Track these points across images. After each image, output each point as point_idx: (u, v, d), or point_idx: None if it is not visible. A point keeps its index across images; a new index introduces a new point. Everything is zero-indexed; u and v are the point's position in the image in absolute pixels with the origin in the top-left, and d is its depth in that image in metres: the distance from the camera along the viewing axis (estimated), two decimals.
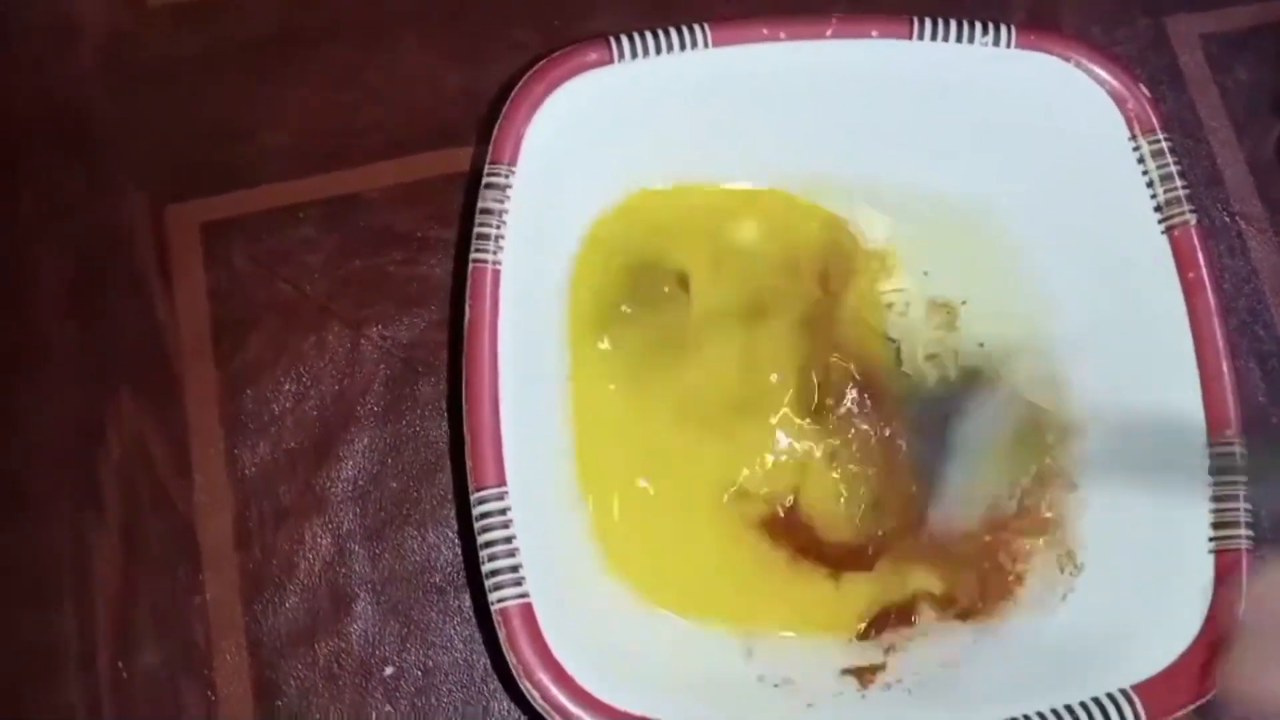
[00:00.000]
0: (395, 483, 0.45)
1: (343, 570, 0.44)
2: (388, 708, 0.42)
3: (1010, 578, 0.41)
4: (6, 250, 0.46)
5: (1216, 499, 0.38)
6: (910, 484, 0.42)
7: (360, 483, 0.45)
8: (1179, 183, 0.41)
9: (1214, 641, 0.36)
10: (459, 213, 0.47)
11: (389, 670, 0.43)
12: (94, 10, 0.50)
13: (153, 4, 0.50)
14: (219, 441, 0.45)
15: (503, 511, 0.37)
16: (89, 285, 0.46)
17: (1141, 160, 0.41)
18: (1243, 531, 0.37)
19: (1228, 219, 0.50)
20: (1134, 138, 0.42)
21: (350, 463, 0.45)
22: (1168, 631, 0.37)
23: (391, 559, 0.44)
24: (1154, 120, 0.42)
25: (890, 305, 0.46)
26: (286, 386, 0.46)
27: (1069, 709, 0.35)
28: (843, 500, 0.42)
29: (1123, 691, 0.36)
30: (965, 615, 0.40)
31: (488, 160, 0.41)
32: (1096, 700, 0.36)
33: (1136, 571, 0.39)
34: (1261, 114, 0.51)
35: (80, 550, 0.43)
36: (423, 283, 0.47)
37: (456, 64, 0.50)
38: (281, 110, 0.49)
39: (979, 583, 0.41)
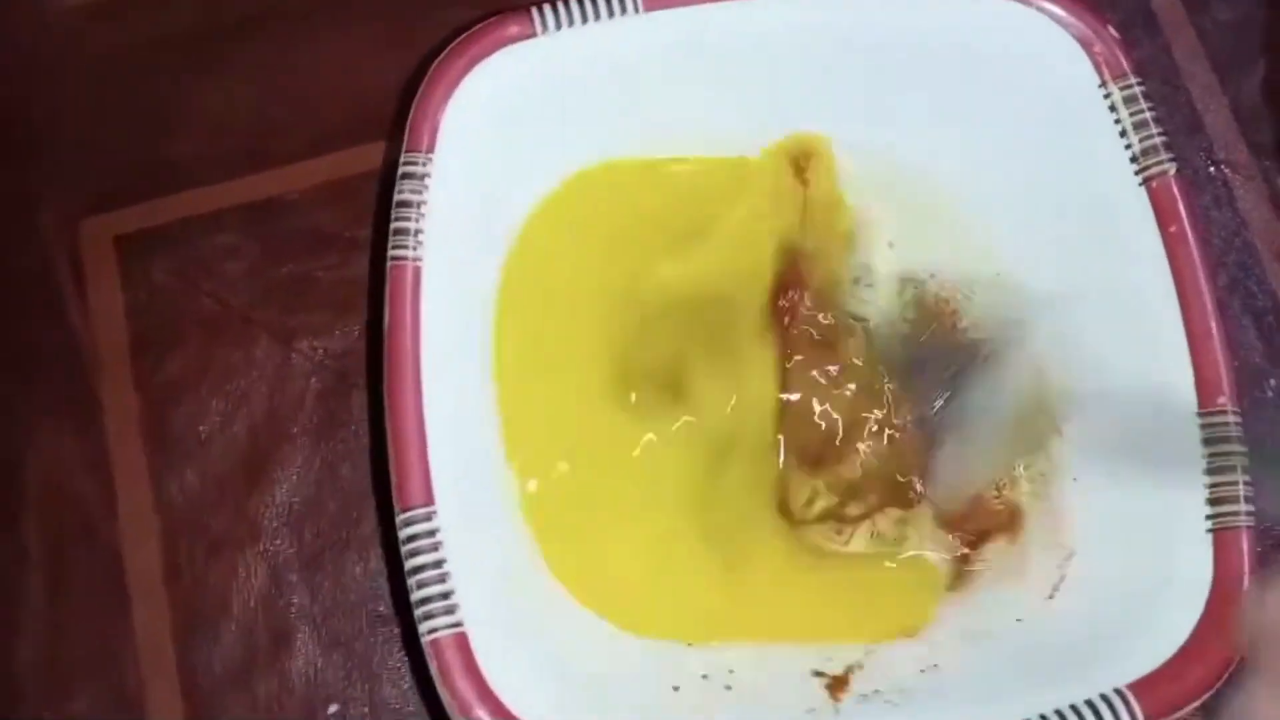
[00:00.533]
0: (333, 504, 0.42)
1: (280, 602, 0.41)
2: None
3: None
4: None
5: (1212, 472, 0.35)
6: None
7: (296, 506, 0.42)
8: (1155, 130, 0.38)
9: (1215, 632, 0.33)
10: (387, 208, 0.44)
11: (334, 708, 0.40)
12: (2, 16, 0.47)
13: (59, 6, 0.47)
14: (143, 467, 0.43)
15: (431, 534, 0.34)
16: (2, 306, 0.43)
17: (1113, 108, 0.38)
18: (1242, 507, 0.34)
19: (1212, 169, 0.47)
20: (1104, 84, 0.39)
21: (284, 485, 0.43)
22: (1165, 624, 0.34)
23: (332, 588, 0.41)
24: (1124, 64, 0.38)
25: (856, 281, 0.42)
26: (213, 406, 0.43)
27: (1059, 713, 0.32)
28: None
29: (1118, 691, 0.33)
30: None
31: (403, 149, 0.38)
32: (1089, 702, 0.33)
33: (1129, 559, 0.36)
34: (1243, 55, 0.48)
35: (9, 592, 0.40)
36: (354, 287, 0.45)
37: (386, 51, 0.47)
38: (200, 112, 0.46)
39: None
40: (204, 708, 0.40)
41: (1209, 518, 0.35)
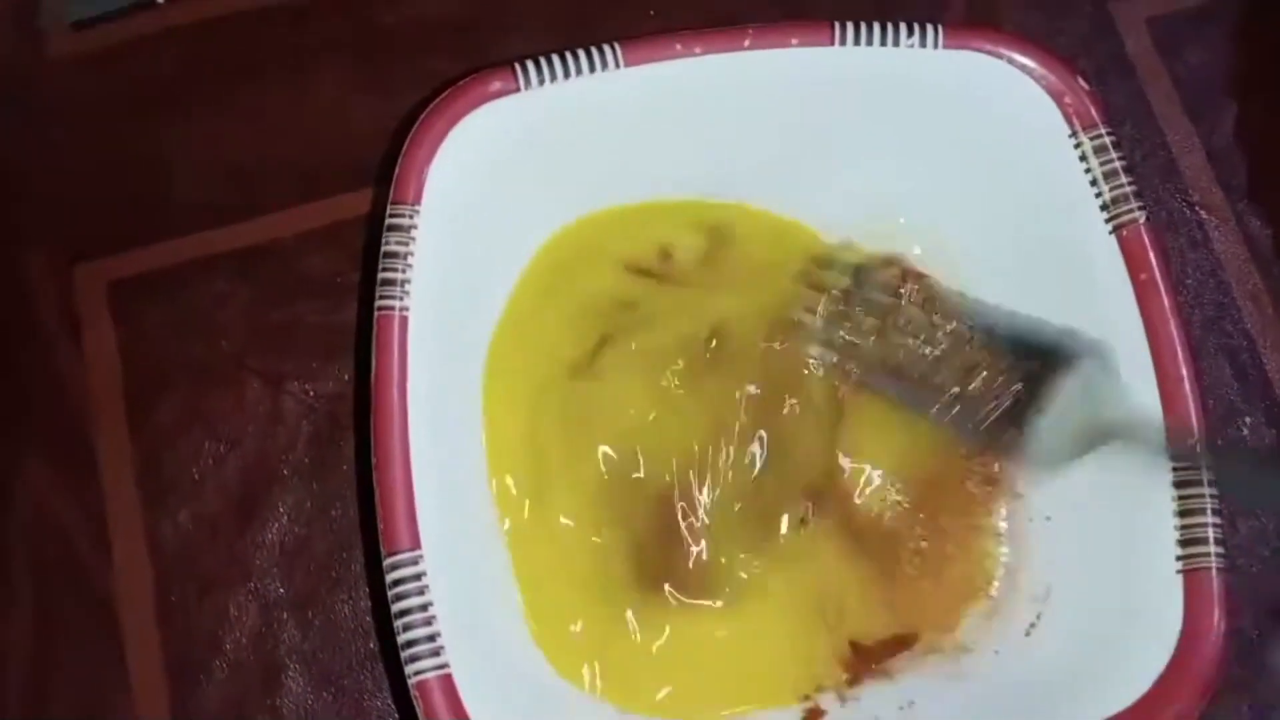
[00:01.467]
0: (324, 545, 0.43)
1: (271, 641, 0.42)
2: None
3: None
4: None
5: (1182, 514, 0.36)
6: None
7: (287, 547, 0.43)
8: (1125, 179, 0.39)
9: (1186, 672, 0.33)
10: (375, 255, 0.45)
11: None
12: None
13: (53, 53, 0.48)
14: (136, 510, 0.43)
15: (418, 577, 0.35)
16: None
17: (1084, 157, 0.39)
18: (1212, 549, 0.35)
19: (1187, 210, 0.47)
20: (1074, 134, 0.39)
21: (275, 526, 0.43)
22: (1138, 662, 0.34)
23: (323, 627, 0.42)
24: (1094, 114, 0.39)
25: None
26: (205, 449, 0.44)
27: None
28: None
29: None
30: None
31: (390, 201, 0.39)
32: None
33: (1102, 599, 0.37)
34: (1216, 98, 0.48)
35: None
36: (343, 332, 0.45)
37: (371, 98, 0.48)
38: (190, 159, 0.47)
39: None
40: None
41: (1179, 558, 0.35)
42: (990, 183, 0.41)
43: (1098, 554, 0.38)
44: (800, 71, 0.40)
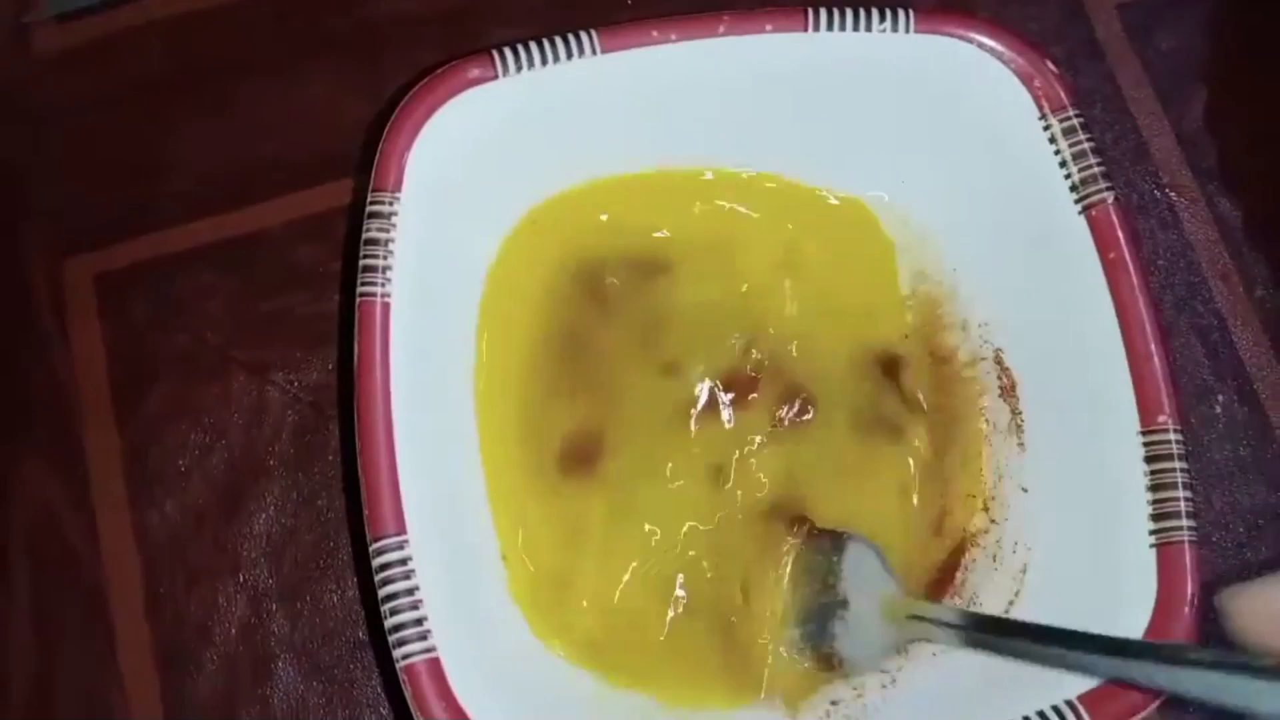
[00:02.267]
0: (310, 535, 0.43)
1: (260, 632, 0.42)
2: None
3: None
4: None
5: (1154, 489, 0.36)
6: None
7: (274, 537, 0.43)
8: (1094, 159, 0.39)
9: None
10: (357, 244, 0.45)
11: None
12: None
13: (37, 46, 0.49)
14: (123, 502, 0.43)
15: (404, 562, 0.35)
16: None
17: (1053, 140, 0.40)
18: (1184, 523, 0.35)
19: (1158, 193, 0.48)
20: (1044, 116, 0.40)
21: (262, 517, 0.43)
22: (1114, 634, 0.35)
23: (311, 616, 0.42)
24: (1063, 97, 0.40)
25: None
26: (192, 440, 0.44)
27: None
28: None
29: (1069, 703, 0.34)
30: None
31: (370, 188, 0.39)
32: (1041, 714, 0.34)
33: (1078, 574, 0.37)
34: (1186, 82, 0.49)
35: None
36: (329, 321, 0.46)
37: (357, 91, 0.48)
38: (177, 151, 0.47)
39: None
40: None
41: (1152, 533, 0.36)
42: (962, 165, 0.42)
43: (1073, 530, 0.38)
44: (774, 57, 0.41)
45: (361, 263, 0.39)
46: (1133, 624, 0.35)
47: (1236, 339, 0.46)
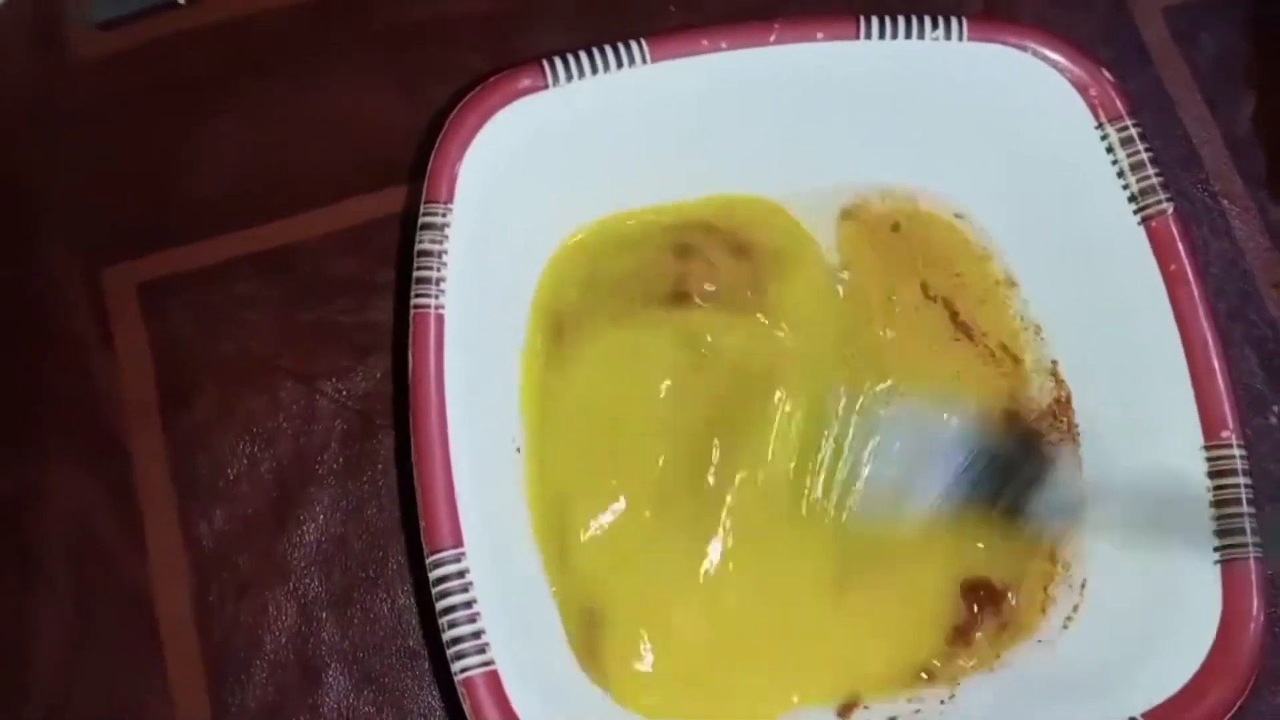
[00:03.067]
0: (360, 543, 0.43)
1: (310, 640, 0.42)
2: None
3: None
4: None
5: (1218, 505, 0.36)
6: None
7: (323, 546, 0.43)
8: (1152, 170, 0.39)
9: (1226, 662, 0.34)
10: (407, 253, 0.45)
11: None
12: (16, 67, 0.48)
13: (78, 55, 0.48)
14: (172, 510, 0.43)
15: (461, 574, 0.35)
16: (27, 352, 0.45)
17: (1110, 149, 0.39)
18: (1249, 539, 0.35)
19: (1208, 199, 0.48)
20: (1100, 126, 0.40)
21: (311, 525, 0.43)
22: (1177, 653, 0.35)
23: (361, 624, 0.42)
24: (1120, 106, 0.39)
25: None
26: (240, 449, 0.44)
27: None
28: None
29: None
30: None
31: (423, 200, 0.39)
32: None
33: (1141, 590, 0.37)
34: (1234, 86, 0.49)
35: (27, 632, 0.41)
36: (374, 330, 0.45)
37: (398, 96, 0.48)
38: (218, 159, 0.47)
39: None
40: None
41: (1216, 549, 0.36)
42: (1018, 175, 0.41)
43: (1133, 544, 0.38)
44: (825, 65, 0.41)
45: (415, 274, 0.39)
46: (1197, 640, 0.35)
47: None
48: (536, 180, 0.41)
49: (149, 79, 0.48)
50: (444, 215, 0.39)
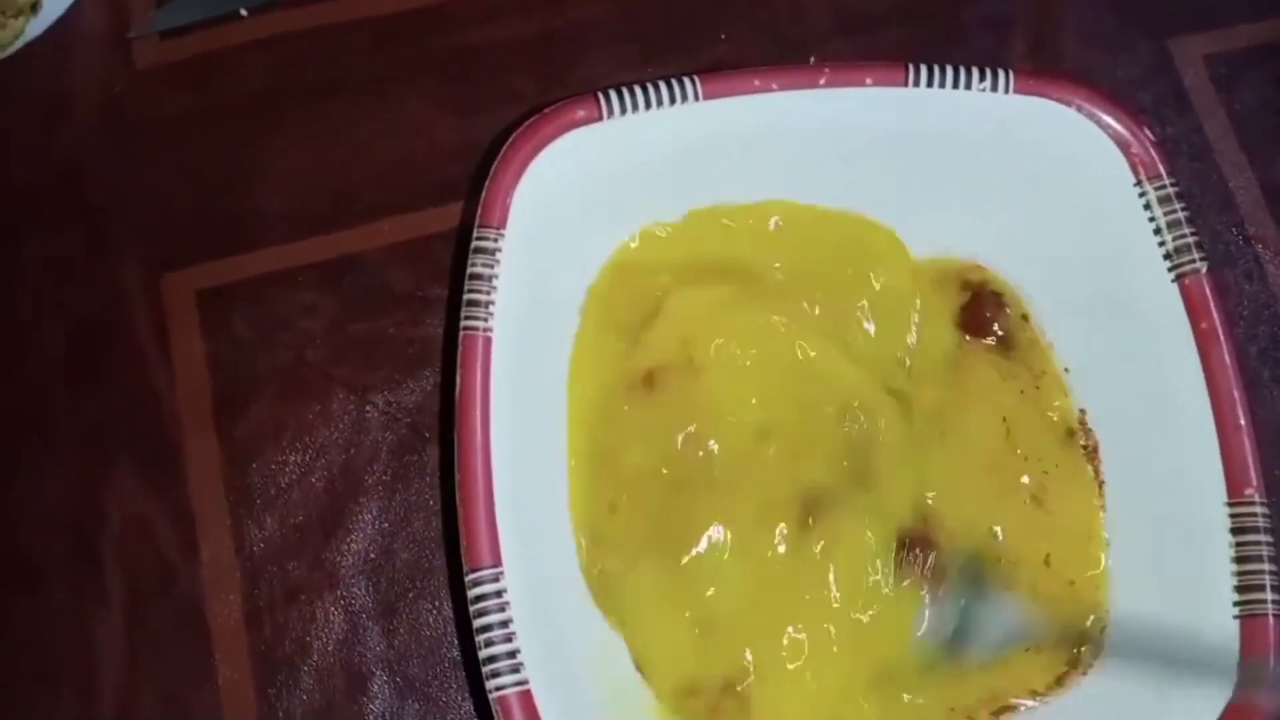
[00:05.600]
0: (407, 554, 0.44)
1: (357, 648, 0.43)
2: None
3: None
4: (4, 320, 0.46)
5: (1240, 560, 0.37)
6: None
7: (372, 556, 0.44)
8: (1188, 229, 0.40)
9: (1242, 717, 0.35)
10: (458, 271, 0.46)
11: None
12: (86, 76, 0.50)
13: (141, 65, 0.50)
14: (224, 516, 0.45)
15: (499, 594, 0.36)
16: (86, 356, 0.46)
17: (1148, 206, 0.40)
18: (1269, 596, 0.36)
19: (1242, 243, 0.49)
20: (1139, 183, 0.41)
21: (360, 535, 0.45)
22: (1194, 705, 0.36)
23: (407, 634, 0.44)
24: (1159, 165, 0.40)
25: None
26: (292, 458, 0.45)
27: None
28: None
29: None
30: None
31: (476, 224, 0.40)
32: None
33: (1158, 640, 0.38)
34: (1272, 134, 0.50)
35: (83, 633, 0.43)
36: (425, 344, 0.47)
37: (453, 116, 0.49)
38: (276, 170, 0.49)
39: None
40: None
41: (1236, 604, 0.37)
42: (1055, 227, 0.42)
43: (1156, 597, 0.39)
44: (872, 110, 0.42)
45: (466, 297, 0.40)
46: (1214, 693, 0.36)
47: None
48: (583, 208, 0.42)
49: (211, 89, 0.49)
50: (495, 240, 0.40)
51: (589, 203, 0.42)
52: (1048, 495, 0.42)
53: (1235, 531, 0.37)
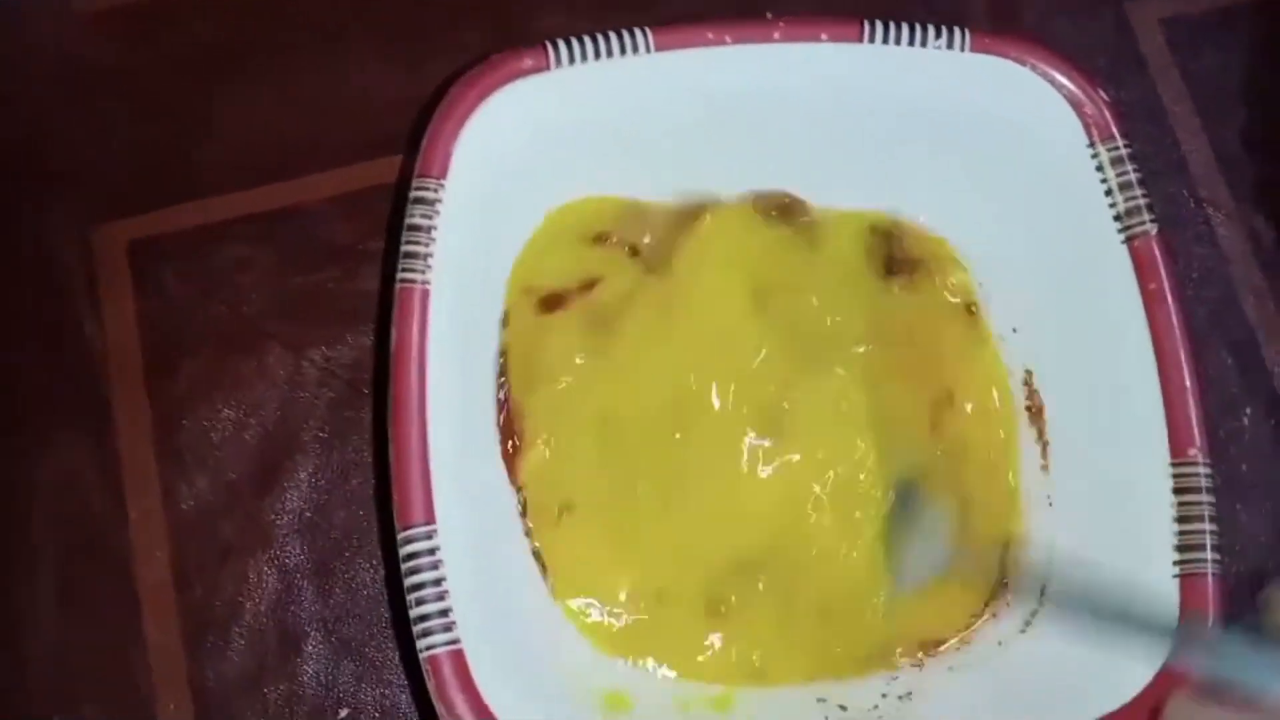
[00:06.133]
0: (344, 512, 0.43)
1: (291, 608, 0.42)
2: None
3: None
4: None
5: (1181, 520, 0.37)
6: None
7: (307, 514, 0.43)
8: (1139, 191, 0.40)
9: (1180, 673, 0.35)
10: (398, 224, 0.45)
11: (344, 712, 0.41)
12: (19, 21, 0.48)
13: (80, 11, 0.48)
14: (154, 475, 0.43)
15: (431, 552, 0.35)
16: (13, 310, 0.44)
17: (1101, 168, 0.40)
18: (1209, 555, 0.36)
19: (1194, 206, 0.48)
20: (1092, 144, 0.40)
21: (295, 493, 0.44)
22: (1133, 662, 0.36)
23: (343, 594, 0.43)
24: (1113, 127, 0.40)
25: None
26: (225, 414, 0.44)
27: None
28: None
29: None
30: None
31: (415, 173, 0.39)
32: None
33: (1100, 600, 0.38)
34: (1226, 99, 0.49)
35: (9, 593, 0.41)
36: (365, 299, 0.45)
37: (399, 68, 0.48)
38: (214, 122, 0.47)
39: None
40: (215, 712, 0.41)
41: (1177, 563, 0.37)
42: (1007, 186, 0.42)
43: (1094, 554, 0.39)
44: (825, 66, 0.41)
45: (403, 249, 0.39)
46: (1153, 654, 0.36)
47: (1266, 354, 0.47)
48: (529, 160, 0.41)
49: (151, 38, 0.47)
50: (436, 191, 0.39)
51: (537, 156, 0.41)
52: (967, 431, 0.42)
53: (1178, 491, 0.37)
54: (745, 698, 0.39)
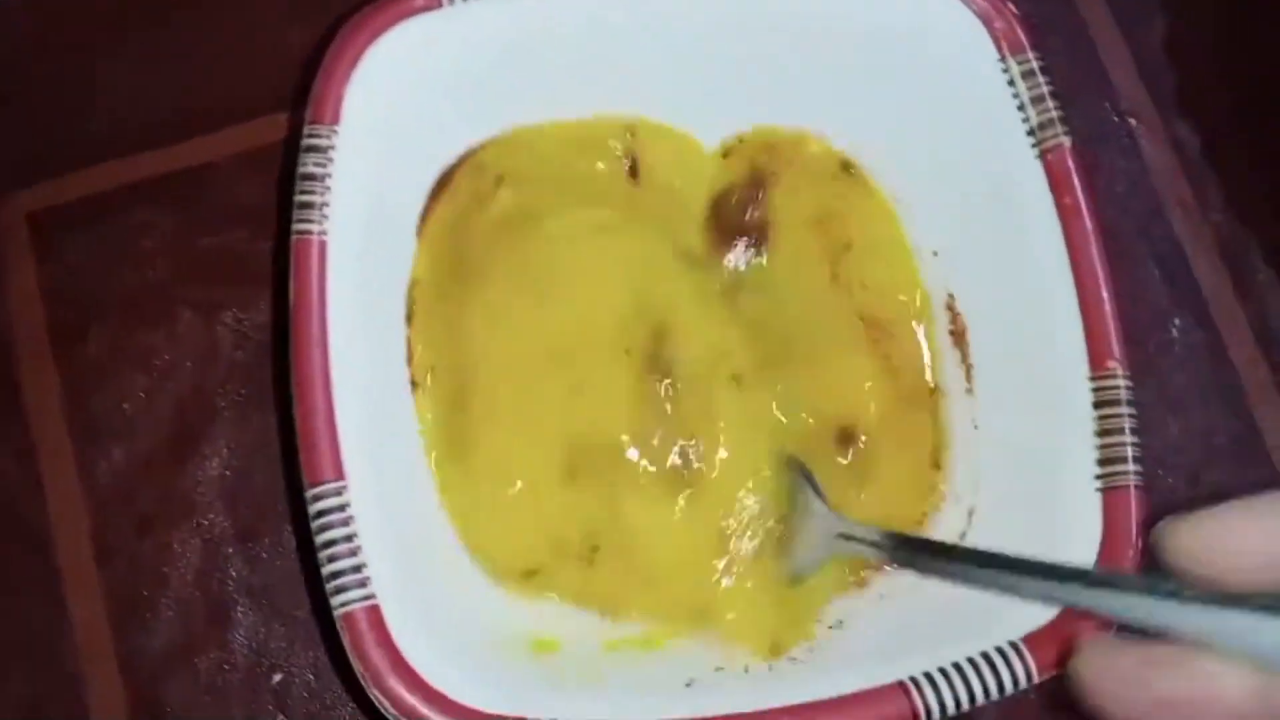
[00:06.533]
0: (265, 476, 0.43)
1: (218, 576, 0.42)
2: (281, 717, 0.41)
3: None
4: None
5: (1102, 434, 0.37)
6: None
7: (228, 480, 0.43)
8: (1052, 104, 0.38)
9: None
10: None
11: (278, 677, 0.41)
12: None
13: None
14: (67, 449, 0.43)
15: (342, 508, 0.34)
16: None
17: (1012, 82, 0.39)
18: (1130, 467, 0.36)
19: (1116, 119, 0.48)
20: (1003, 59, 0.39)
21: (215, 460, 0.43)
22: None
23: (269, 558, 0.42)
24: (1023, 39, 0.39)
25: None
26: (137, 383, 0.43)
27: (957, 666, 0.34)
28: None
29: (1012, 644, 0.34)
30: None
31: (306, 121, 0.38)
32: (985, 655, 0.34)
33: (1025, 516, 0.37)
34: (1146, 9, 0.49)
35: None
36: (274, 258, 0.44)
37: (301, 20, 0.46)
38: (110, 83, 0.46)
39: None
40: (145, 685, 0.40)
41: (1098, 477, 0.36)
42: (917, 104, 0.41)
43: (1019, 473, 0.38)
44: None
45: (296, 199, 0.37)
46: (1078, 565, 0.35)
47: (1193, 265, 0.47)
48: (427, 102, 0.40)
49: (42, 6, 0.46)
50: (328, 137, 0.37)
51: (434, 99, 0.40)
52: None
53: (1098, 405, 0.37)
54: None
